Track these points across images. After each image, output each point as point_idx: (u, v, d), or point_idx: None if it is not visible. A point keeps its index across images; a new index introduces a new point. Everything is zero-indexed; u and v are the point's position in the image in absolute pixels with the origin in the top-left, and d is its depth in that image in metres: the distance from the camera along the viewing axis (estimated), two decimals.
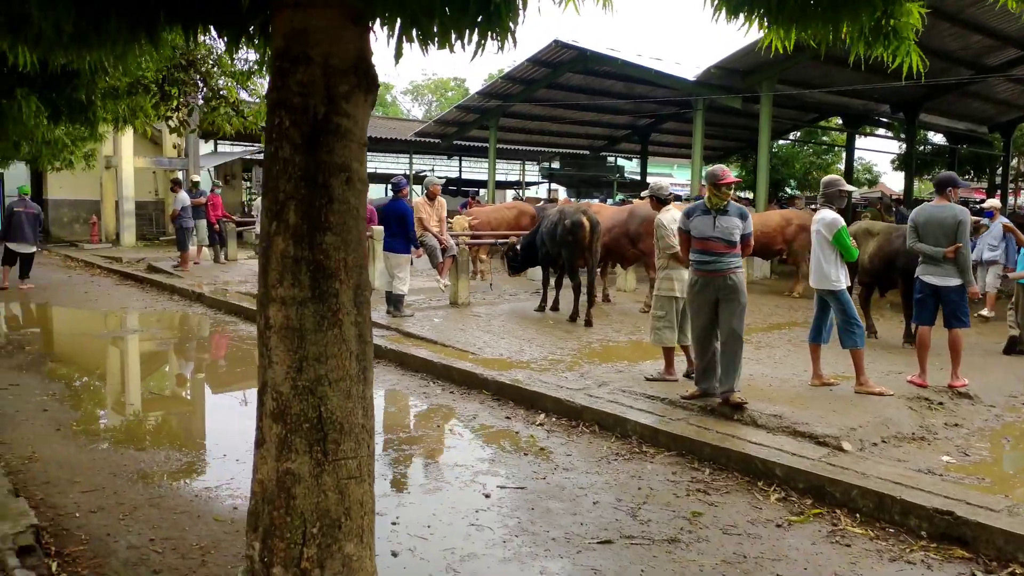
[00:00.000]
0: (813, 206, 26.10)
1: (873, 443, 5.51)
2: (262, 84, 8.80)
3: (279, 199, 2.48)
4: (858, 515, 4.60)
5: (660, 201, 7.46)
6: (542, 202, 21.32)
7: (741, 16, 3.46)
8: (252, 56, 8.62)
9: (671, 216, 7.23)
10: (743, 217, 6.14)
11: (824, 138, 35.42)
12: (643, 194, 8.38)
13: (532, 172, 38.03)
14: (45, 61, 4.91)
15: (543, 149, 32.17)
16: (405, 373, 7.98)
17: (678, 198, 11.78)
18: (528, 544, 4.16)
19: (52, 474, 5.01)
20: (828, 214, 6.63)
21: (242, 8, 2.33)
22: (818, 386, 6.75)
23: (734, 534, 4.35)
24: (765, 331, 9.74)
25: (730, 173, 6.12)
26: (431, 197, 11.53)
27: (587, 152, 31.93)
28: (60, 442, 5.71)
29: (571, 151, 32.13)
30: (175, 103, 8.61)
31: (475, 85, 50.79)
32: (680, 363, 7.17)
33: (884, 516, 4.53)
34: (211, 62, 8.32)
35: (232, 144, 27.03)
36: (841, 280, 6.59)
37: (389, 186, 14.43)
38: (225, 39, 3.12)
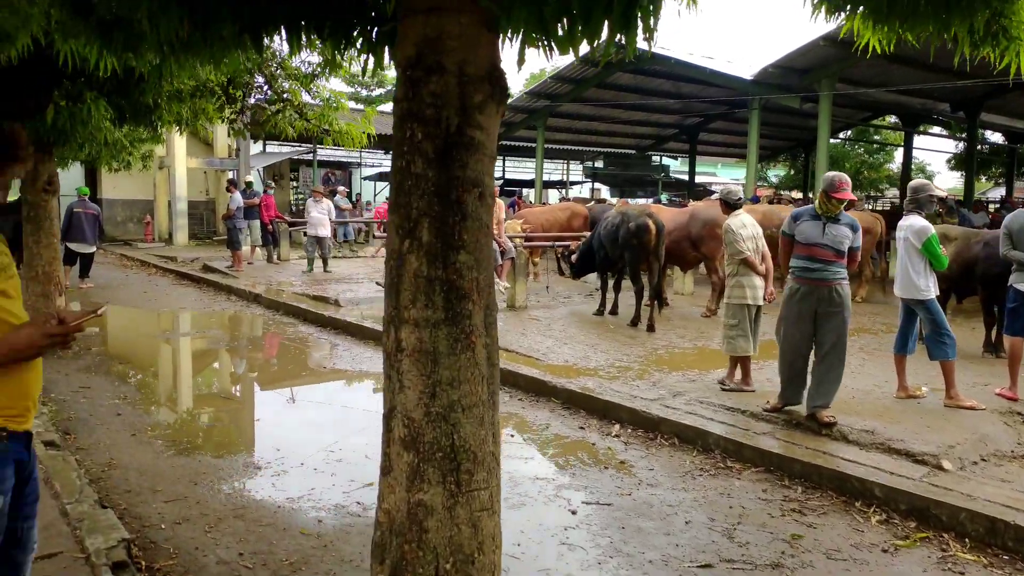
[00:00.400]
0: (868, 206, 25.59)
1: (973, 462, 5.25)
2: (325, 87, 8.77)
3: (412, 216, 2.35)
4: (967, 540, 4.36)
5: (729, 206, 7.27)
6: (592, 202, 21.06)
7: (842, 15, 3.28)
8: (314, 59, 8.61)
9: (740, 221, 7.04)
10: (854, 229, 5.84)
11: (876, 137, 34.70)
12: (712, 197, 8.17)
13: (576, 171, 37.82)
14: (128, 67, 4.88)
15: (589, 148, 31.90)
16: None
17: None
18: (625, 566, 4.00)
19: (133, 482, 4.97)
20: (917, 221, 6.35)
21: (385, 13, 2.20)
22: (904, 399, 6.48)
23: (839, 559, 4.14)
24: None
25: (849, 186, 5.79)
26: None
27: (633, 151, 31.60)
28: (137, 448, 5.68)
29: (617, 150, 31.84)
30: (239, 106, 8.59)
31: (515, 85, 50.56)
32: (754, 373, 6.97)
33: (996, 541, 4.29)
34: (275, 65, 8.27)
35: (280, 144, 27.21)
36: (930, 289, 6.31)
37: None
38: (330, 45, 3.01)
